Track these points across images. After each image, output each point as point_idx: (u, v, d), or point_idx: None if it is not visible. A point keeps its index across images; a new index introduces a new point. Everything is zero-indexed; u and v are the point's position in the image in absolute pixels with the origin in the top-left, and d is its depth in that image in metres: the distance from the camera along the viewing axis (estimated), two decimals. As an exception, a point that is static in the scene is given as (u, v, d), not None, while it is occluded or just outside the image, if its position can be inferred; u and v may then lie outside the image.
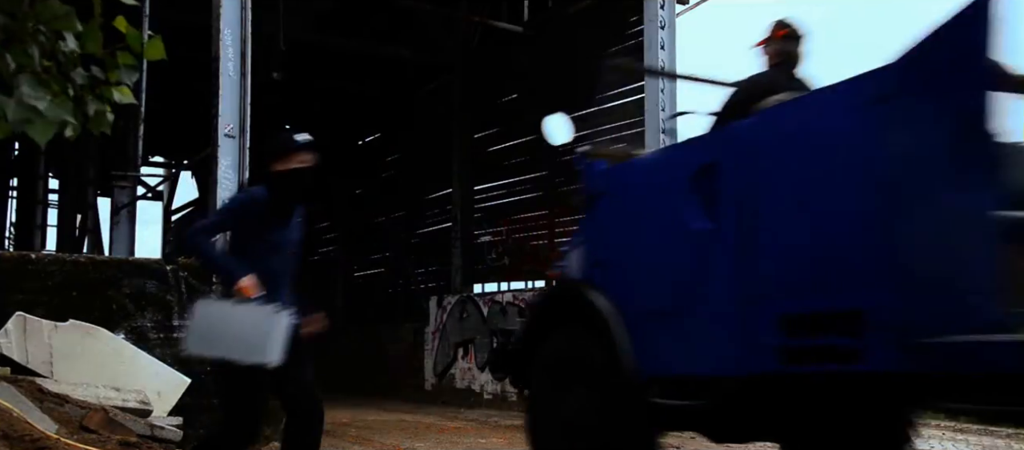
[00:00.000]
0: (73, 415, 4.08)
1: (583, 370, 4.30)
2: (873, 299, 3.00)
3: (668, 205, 3.97)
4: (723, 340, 3.61)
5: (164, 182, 20.69)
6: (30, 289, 5.68)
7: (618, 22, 10.10)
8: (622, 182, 4.48)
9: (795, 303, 3.36)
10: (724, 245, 3.67)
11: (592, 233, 4.66)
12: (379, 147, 15.42)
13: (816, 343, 3.25)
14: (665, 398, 3.81)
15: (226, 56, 6.98)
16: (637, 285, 4.16)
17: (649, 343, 3.93)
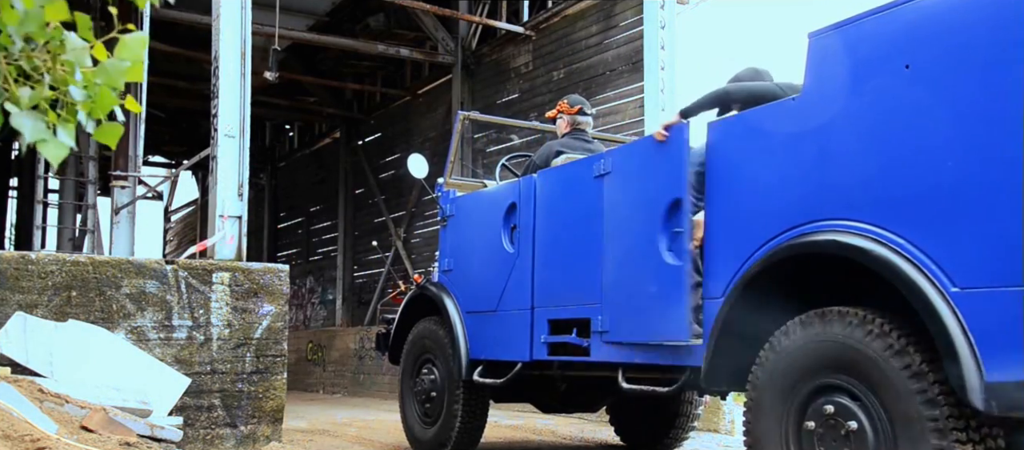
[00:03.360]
0: (73, 415, 4.08)
1: (435, 353, 5.82)
2: (594, 312, 4.47)
3: (491, 231, 5.29)
4: (518, 336, 5.03)
5: (164, 182, 20.72)
6: (30, 289, 5.69)
7: (618, 22, 10.11)
8: (465, 209, 5.88)
9: (556, 312, 4.81)
10: (520, 266, 5.11)
11: (444, 246, 6.07)
12: (379, 147, 15.43)
13: (566, 341, 4.67)
14: (484, 376, 5.23)
15: (226, 56, 6.98)
16: (472, 290, 5.57)
17: (478, 335, 5.30)
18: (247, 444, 6.39)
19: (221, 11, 7.00)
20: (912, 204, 3.00)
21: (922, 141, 3.01)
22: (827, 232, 3.21)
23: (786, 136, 3.51)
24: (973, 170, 2.83)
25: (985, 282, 2.76)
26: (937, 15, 3.03)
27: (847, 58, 3.34)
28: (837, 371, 3.12)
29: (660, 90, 8.79)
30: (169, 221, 23.91)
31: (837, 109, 3.32)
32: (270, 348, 6.57)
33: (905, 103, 3.07)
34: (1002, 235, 2.71)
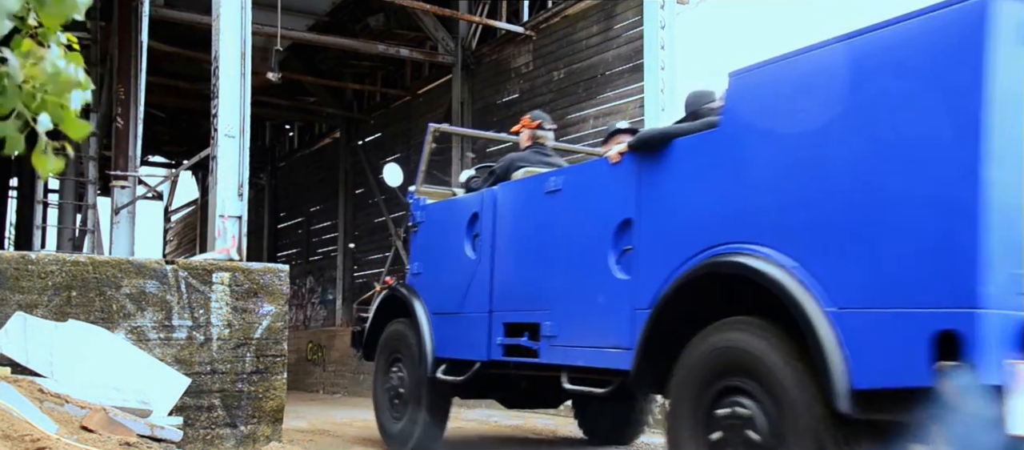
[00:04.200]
0: (73, 415, 4.08)
1: (404, 352, 6.20)
2: (543, 318, 4.89)
3: (456, 238, 5.65)
4: (478, 337, 5.39)
5: (164, 182, 20.73)
6: (30, 289, 5.69)
7: (618, 22, 10.11)
8: (433, 217, 6.25)
9: (511, 316, 5.19)
10: (481, 272, 5.47)
11: (414, 251, 6.47)
12: (379, 147, 15.43)
13: (519, 343, 5.04)
14: (447, 374, 5.61)
15: (226, 56, 6.98)
16: (438, 293, 5.95)
17: (443, 335, 5.66)
18: (247, 444, 6.39)
19: (221, 11, 6.99)
20: (804, 233, 3.40)
21: (812, 178, 3.41)
22: (734, 255, 3.63)
23: (704, 165, 3.94)
24: (852, 206, 3.24)
25: (858, 304, 3.17)
26: (826, 68, 3.45)
27: (754, 99, 3.77)
28: (739, 375, 3.53)
29: (660, 90, 8.79)
30: (169, 221, 23.91)
31: (746, 144, 3.74)
32: (270, 348, 6.57)
33: (800, 143, 3.48)
34: (874, 264, 3.14)
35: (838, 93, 3.35)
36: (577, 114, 10.71)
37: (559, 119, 10.99)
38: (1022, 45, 2.95)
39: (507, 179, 5.56)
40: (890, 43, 3.25)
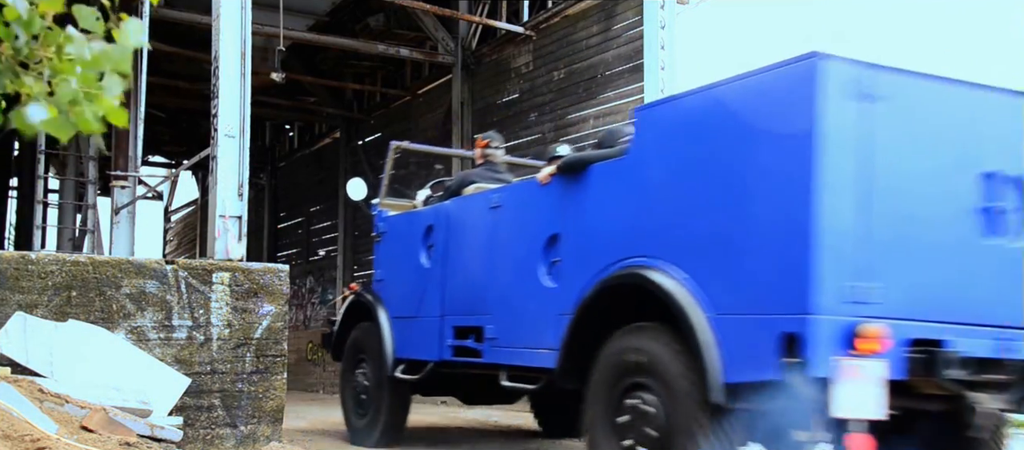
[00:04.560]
0: (73, 415, 4.08)
1: (368, 352, 6.67)
2: (486, 322, 5.41)
3: (414, 248, 6.14)
4: (431, 339, 5.89)
5: (164, 182, 20.73)
6: (30, 289, 5.69)
7: (618, 22, 10.10)
8: (395, 227, 6.77)
9: (459, 320, 5.70)
10: (434, 279, 6.00)
11: (378, 259, 7.02)
12: (380, 147, 15.42)
13: (465, 345, 5.56)
14: (404, 373, 6.10)
15: (226, 56, 6.98)
16: (398, 298, 6.44)
17: (402, 337, 6.09)
18: (247, 444, 6.39)
19: (221, 11, 6.99)
20: (691, 249, 3.97)
21: (695, 201, 4.02)
22: (638, 268, 4.19)
23: (614, 188, 4.51)
24: (725, 227, 3.83)
25: (730, 310, 3.74)
26: (705, 109, 4.11)
27: (653, 132, 4.37)
28: (641, 372, 4.10)
29: (660, 90, 8.79)
30: (169, 221, 23.90)
31: (647, 171, 4.33)
32: (270, 348, 6.57)
33: (686, 171, 4.10)
34: (741, 276, 3.72)
35: (713, 131, 4.01)
36: (577, 114, 10.70)
37: (559, 119, 11.00)
38: (847, 97, 3.56)
39: (459, 194, 6.13)
40: (750, 91, 3.89)
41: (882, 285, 3.56)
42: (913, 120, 3.76)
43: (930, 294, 3.71)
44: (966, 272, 3.80)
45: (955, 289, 3.78)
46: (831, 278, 3.47)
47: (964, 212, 3.81)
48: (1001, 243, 3.85)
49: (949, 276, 3.77)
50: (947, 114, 3.86)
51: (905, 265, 3.66)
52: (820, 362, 3.38)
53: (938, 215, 3.77)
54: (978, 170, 3.85)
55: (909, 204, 3.69)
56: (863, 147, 3.58)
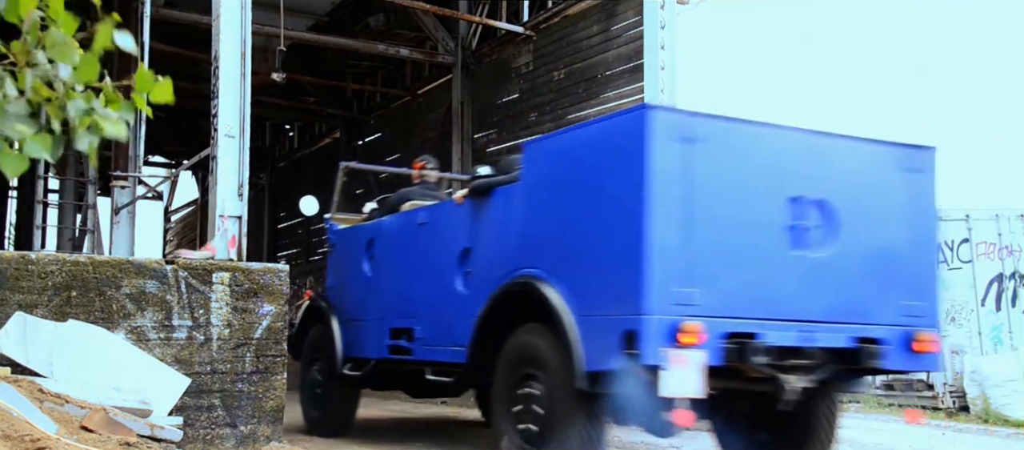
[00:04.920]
0: (73, 415, 4.08)
1: (321, 352, 7.28)
2: (415, 324, 6.21)
3: (359, 258, 6.73)
4: (373, 339, 6.58)
5: (164, 182, 20.72)
6: (30, 289, 5.68)
7: (618, 22, 10.10)
8: (344, 239, 7.52)
9: (395, 322, 6.41)
10: (375, 286, 6.69)
11: (330, 267, 7.83)
12: (380, 147, 15.43)
13: (399, 344, 6.33)
14: (351, 371, 6.70)
15: (226, 56, 6.98)
16: (347, 303, 7.10)
17: (349, 338, 6.59)
18: (247, 444, 6.38)
19: (221, 11, 6.99)
20: (564, 260, 4.80)
21: (569, 222, 4.85)
22: (526, 277, 4.97)
23: (510, 209, 5.34)
24: (587, 243, 4.68)
25: (590, 311, 4.56)
26: (571, 145, 5.10)
27: (537, 162, 5.23)
28: (530, 365, 4.93)
29: (660, 90, 8.79)
30: (169, 221, 23.89)
31: (533, 194, 5.17)
32: (270, 348, 6.57)
33: (560, 196, 4.95)
34: (598, 283, 4.57)
35: (578, 165, 4.89)
36: (577, 114, 10.70)
37: (559, 119, 10.99)
38: (672, 139, 4.42)
39: (397, 210, 6.86)
40: (602, 133, 4.89)
41: (702, 290, 4.37)
42: (727, 156, 4.60)
43: (744, 296, 4.55)
44: (775, 278, 4.65)
45: (766, 292, 4.62)
46: (660, 286, 4.29)
47: (774, 229, 4.65)
48: (805, 254, 4.70)
49: (761, 281, 4.61)
50: (757, 150, 4.74)
51: (722, 274, 4.48)
52: (651, 353, 4.22)
53: (751, 232, 4.60)
54: (785, 195, 4.68)
55: (725, 224, 4.52)
56: (685, 180, 4.42)
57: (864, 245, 4.92)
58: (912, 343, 4.90)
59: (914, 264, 5.09)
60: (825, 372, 4.75)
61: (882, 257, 4.99)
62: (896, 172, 5.11)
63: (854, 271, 4.86)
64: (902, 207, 5.07)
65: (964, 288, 10.59)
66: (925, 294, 5.06)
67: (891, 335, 4.85)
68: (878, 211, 5.02)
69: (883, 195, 5.05)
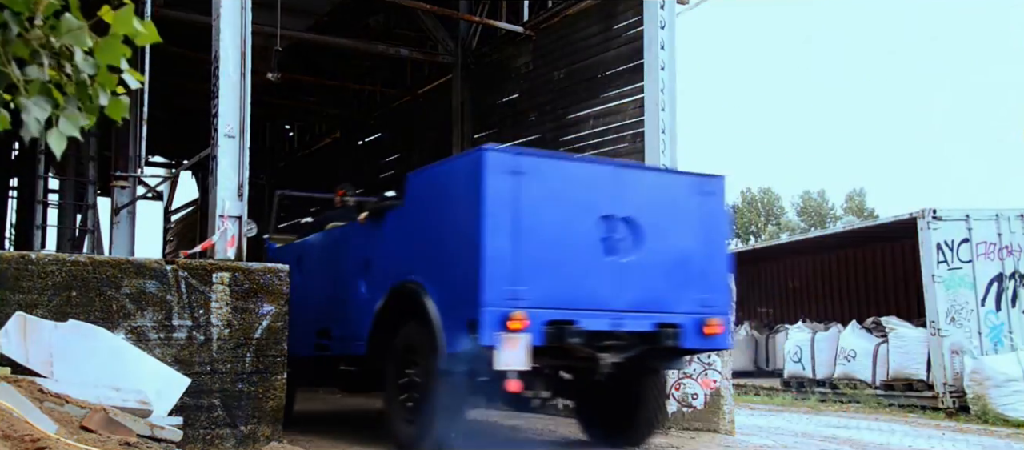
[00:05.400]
0: (73, 415, 4.08)
1: None
2: (333, 324, 7.39)
3: (292, 271, 6.86)
4: (306, 340, 7.49)
5: (164, 182, 20.71)
6: (30, 289, 5.69)
7: (618, 22, 10.10)
8: (280, 256, 8.35)
9: (320, 324, 7.55)
10: (305, 294, 7.47)
11: None
12: (380, 147, 15.42)
13: (322, 342, 7.50)
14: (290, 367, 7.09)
15: (226, 56, 6.98)
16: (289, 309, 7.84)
17: (291, 340, 6.74)
18: (247, 444, 6.38)
19: (221, 11, 6.99)
20: (432, 268, 6.08)
21: (436, 238, 6.14)
22: (406, 282, 6.18)
23: (397, 227, 6.67)
24: (446, 254, 5.98)
25: (450, 307, 5.81)
26: (438, 177, 6.43)
27: (415, 189, 6.56)
28: (412, 353, 6.18)
29: (660, 90, 8.79)
30: (169, 221, 23.88)
31: (412, 216, 6.53)
32: (270, 348, 6.57)
33: (429, 217, 6.25)
34: (454, 284, 5.82)
35: (441, 192, 6.26)
36: (577, 114, 10.70)
37: (559, 119, 10.99)
38: (503, 174, 5.66)
39: (321, 229, 8.06)
40: (455, 168, 6.44)
41: (528, 288, 5.61)
42: (548, 185, 5.85)
43: (563, 292, 5.79)
44: (590, 278, 5.90)
45: (582, 289, 5.87)
46: (493, 285, 5.53)
47: (589, 240, 5.92)
48: (615, 259, 6.00)
49: (578, 281, 5.87)
50: (574, 180, 6.04)
51: (545, 275, 5.71)
52: (488, 336, 5.47)
53: (569, 243, 5.85)
54: (598, 214, 5.97)
55: (548, 237, 5.76)
56: (514, 204, 5.66)
57: (664, 252, 6.19)
58: (703, 328, 6.22)
59: (706, 266, 6.35)
60: (633, 350, 6.08)
61: (679, 261, 6.27)
62: (692, 195, 6.42)
63: (656, 272, 6.14)
64: (696, 222, 6.35)
65: (964, 288, 10.59)
66: (715, 290, 6.37)
67: (687, 321, 6.17)
68: (676, 225, 6.31)
69: (681, 213, 6.36)
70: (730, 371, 7.96)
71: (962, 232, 10.72)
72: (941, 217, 10.63)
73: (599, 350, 5.93)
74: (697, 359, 7.99)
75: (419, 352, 6.04)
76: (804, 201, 44.62)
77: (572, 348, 5.79)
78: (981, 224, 10.81)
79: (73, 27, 1.90)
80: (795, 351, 12.76)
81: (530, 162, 5.91)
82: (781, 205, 44.59)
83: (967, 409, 9.91)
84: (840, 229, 17.00)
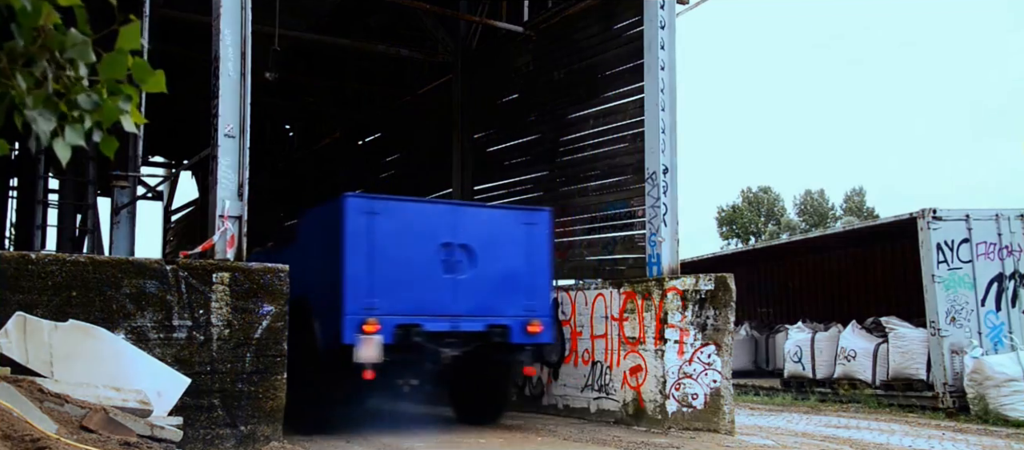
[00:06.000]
0: (73, 415, 4.08)
1: None
2: None
3: None
4: None
5: (164, 182, 20.72)
6: (30, 289, 5.68)
7: (618, 22, 10.09)
8: None
9: None
10: None
11: None
12: (380, 147, 15.42)
13: None
14: None
15: (226, 56, 6.98)
16: None
17: None
18: (247, 444, 6.38)
19: (221, 11, 6.99)
20: (318, 287, 7.78)
21: (318, 264, 7.87)
22: (297, 298, 6.99)
23: (294, 253, 8.21)
24: (325, 275, 7.70)
25: (325, 316, 7.71)
26: (316, 217, 8.55)
27: (303, 226, 8.84)
28: (307, 352, 7.74)
29: (660, 90, 8.79)
30: (169, 221, 23.88)
31: (302, 248, 8.49)
32: (270, 348, 6.57)
33: (312, 248, 8.16)
34: (326, 297, 7.64)
35: (319, 227, 8.23)
36: (577, 114, 10.70)
37: (559, 119, 11.00)
38: (361, 214, 7.57)
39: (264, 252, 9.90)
40: (327, 210, 8.04)
41: (380, 300, 7.47)
42: (397, 221, 7.77)
43: (410, 303, 7.69)
44: (433, 291, 7.85)
45: (426, 300, 7.79)
46: (353, 299, 7.43)
47: (432, 262, 7.89)
48: (454, 276, 7.98)
49: (423, 293, 7.78)
50: (418, 216, 7.99)
51: (395, 290, 7.59)
52: (349, 337, 7.34)
53: (415, 265, 7.77)
54: (439, 242, 7.94)
55: (397, 261, 7.63)
56: (370, 237, 7.54)
57: (495, 270, 8.15)
58: (527, 327, 8.19)
59: (530, 281, 8.34)
60: (470, 346, 7.96)
61: (507, 277, 8.22)
62: (518, 226, 8.41)
63: (487, 285, 8.09)
64: (523, 247, 8.35)
65: (964, 288, 10.59)
66: (537, 298, 8.36)
67: (513, 322, 8.15)
68: (505, 249, 8.25)
69: (509, 240, 8.31)
70: (730, 371, 7.96)
71: (962, 232, 10.72)
72: (941, 217, 10.63)
73: (441, 346, 7.78)
74: (697, 359, 8.00)
75: (309, 352, 7.73)
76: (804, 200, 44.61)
77: (418, 345, 7.65)
78: (981, 224, 10.81)
79: (78, 41, 1.91)
80: (795, 351, 12.76)
81: (382, 204, 7.89)
82: (782, 205, 44.58)
83: (967, 409, 9.91)
84: (840, 229, 16.99)
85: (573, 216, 10.58)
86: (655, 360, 8.36)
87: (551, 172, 11.14)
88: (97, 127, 1.97)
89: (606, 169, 10.16)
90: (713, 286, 8.04)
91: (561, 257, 10.61)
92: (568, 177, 10.78)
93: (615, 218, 9.93)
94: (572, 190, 10.66)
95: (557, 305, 9.58)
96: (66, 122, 1.91)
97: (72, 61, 1.93)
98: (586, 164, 10.49)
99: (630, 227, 9.70)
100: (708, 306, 8.04)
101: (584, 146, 10.54)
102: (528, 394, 10.19)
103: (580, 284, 9.77)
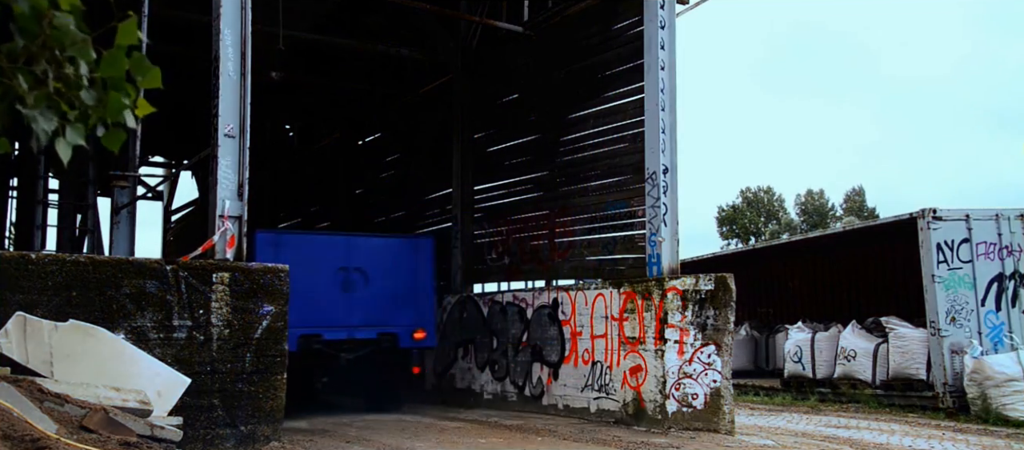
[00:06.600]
0: (73, 415, 4.08)
1: None
2: None
3: None
4: None
5: (164, 182, 20.72)
6: (30, 289, 5.68)
7: (618, 22, 10.09)
8: None
9: None
10: None
11: None
12: (380, 147, 15.41)
13: None
14: None
15: (226, 56, 6.98)
16: None
17: None
18: (247, 444, 6.38)
19: (221, 11, 6.99)
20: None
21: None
22: None
23: None
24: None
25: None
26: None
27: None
28: None
29: (660, 90, 8.79)
30: (169, 221, 23.88)
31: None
32: (270, 348, 6.57)
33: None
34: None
35: (270, 248, 9.69)
36: (577, 114, 10.69)
37: (559, 119, 10.99)
38: (270, 246, 9.72)
39: None
40: (265, 238, 9.95)
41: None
42: (300, 251, 9.67)
43: (312, 317, 9.78)
44: (332, 307, 10.08)
45: (326, 314, 10.00)
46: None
47: (331, 284, 10.13)
48: (350, 294, 10.26)
49: (323, 309, 9.98)
50: (317, 246, 10.34)
51: (298, 307, 8.35)
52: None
53: (317, 286, 9.87)
54: (337, 266, 10.20)
55: (300, 283, 8.41)
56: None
57: (386, 288, 10.41)
58: (413, 334, 10.56)
59: (417, 296, 10.68)
60: (364, 350, 10.27)
61: (397, 294, 10.48)
62: (406, 251, 10.81)
63: (379, 301, 10.30)
64: (410, 269, 10.69)
65: (964, 288, 10.59)
66: (422, 310, 10.76)
67: (402, 331, 10.49)
68: (395, 271, 10.55)
69: (398, 263, 10.62)
70: (730, 371, 7.96)
71: (962, 232, 10.71)
72: (941, 217, 10.62)
73: (339, 351, 10.12)
74: (697, 359, 8.00)
75: None
76: (805, 200, 44.61)
77: (318, 350, 9.91)
78: (981, 224, 10.81)
79: (77, 39, 1.92)
80: (795, 351, 12.76)
81: (286, 237, 10.59)
82: (783, 205, 44.58)
83: (967, 409, 9.91)
84: (840, 229, 16.98)
85: (573, 216, 10.57)
86: (655, 360, 8.36)
87: (551, 172, 11.13)
88: (101, 122, 1.98)
89: (606, 169, 10.16)
90: (713, 286, 8.04)
91: (561, 257, 10.61)
92: (568, 177, 10.78)
93: (615, 218, 9.93)
94: (572, 190, 10.65)
95: (557, 305, 9.58)
96: (67, 122, 1.91)
97: (72, 59, 1.93)
98: (586, 164, 10.49)
99: (630, 227, 9.70)
100: (708, 306, 8.04)
101: (584, 146, 10.54)
102: (528, 394, 10.20)
103: (580, 284, 9.77)
